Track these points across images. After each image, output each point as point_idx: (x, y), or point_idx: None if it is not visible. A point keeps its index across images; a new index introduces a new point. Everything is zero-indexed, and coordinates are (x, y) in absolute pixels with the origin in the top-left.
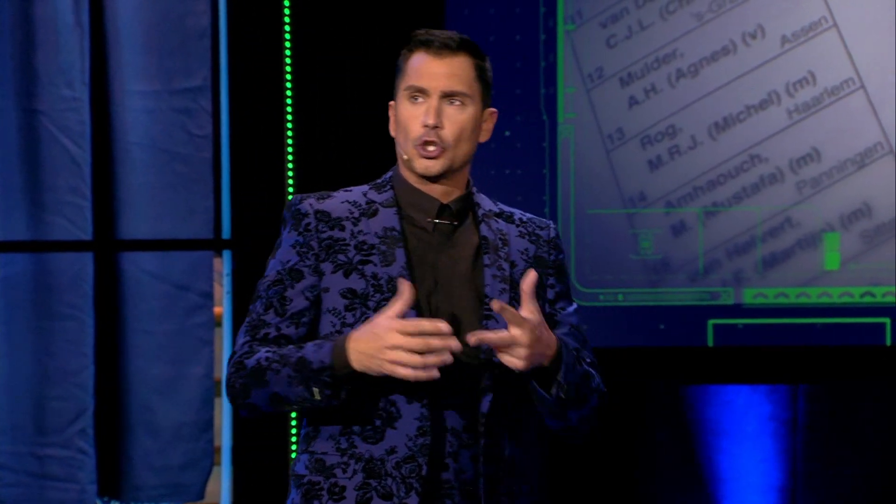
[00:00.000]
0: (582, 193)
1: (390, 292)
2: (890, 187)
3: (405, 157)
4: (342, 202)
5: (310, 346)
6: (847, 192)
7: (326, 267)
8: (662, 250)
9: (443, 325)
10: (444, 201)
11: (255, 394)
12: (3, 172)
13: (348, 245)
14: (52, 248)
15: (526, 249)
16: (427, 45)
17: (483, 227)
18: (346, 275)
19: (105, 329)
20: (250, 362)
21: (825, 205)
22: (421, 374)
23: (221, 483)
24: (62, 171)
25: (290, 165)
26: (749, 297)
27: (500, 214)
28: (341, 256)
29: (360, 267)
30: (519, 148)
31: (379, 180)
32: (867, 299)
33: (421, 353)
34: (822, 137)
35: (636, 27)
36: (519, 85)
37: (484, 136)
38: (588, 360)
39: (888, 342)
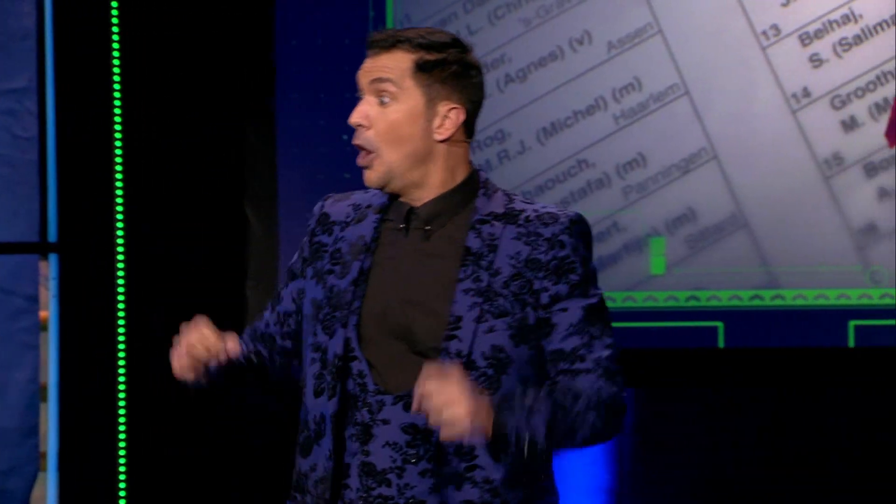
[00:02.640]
0: None
1: (332, 307)
2: (714, 192)
3: None
4: (349, 205)
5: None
6: (672, 197)
7: (308, 272)
8: None
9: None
10: (417, 205)
11: None
12: None
13: (327, 252)
14: None
15: (517, 253)
16: (367, 47)
17: (471, 233)
18: (317, 283)
19: None
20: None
21: (651, 210)
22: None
23: (47, 489)
24: None
25: (118, 168)
26: None
27: (504, 215)
28: (319, 263)
29: (325, 277)
30: (348, 152)
31: None
32: (692, 303)
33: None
34: (647, 143)
35: (465, 32)
36: (348, 89)
37: (442, 133)
38: (588, 369)
39: (721, 345)
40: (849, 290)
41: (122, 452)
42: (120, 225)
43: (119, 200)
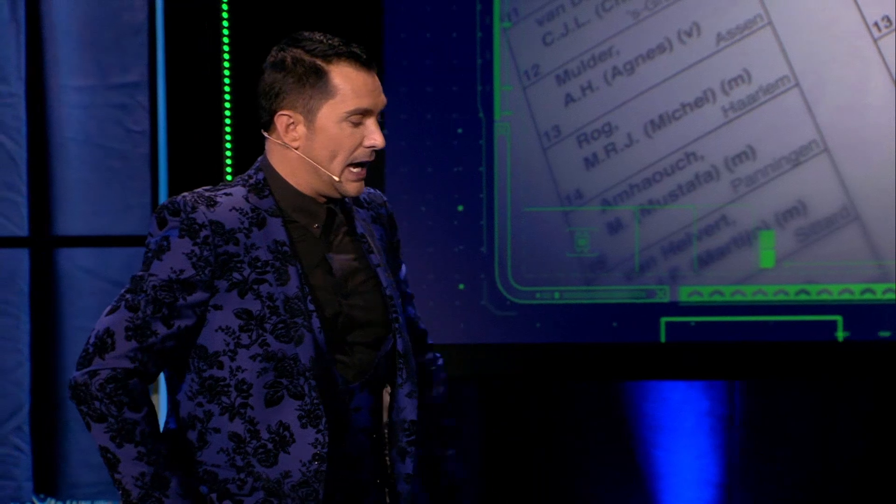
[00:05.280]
0: (518, 191)
1: (287, 314)
2: (825, 185)
3: (336, 178)
4: (230, 210)
5: (175, 487)
6: (782, 190)
7: (221, 284)
8: (599, 248)
9: None
10: (332, 206)
11: (98, 432)
12: None
13: (242, 262)
14: None
15: (382, 236)
16: (355, 58)
17: (358, 223)
18: (242, 294)
19: (41, 326)
20: (130, 415)
21: (760, 203)
22: None
23: None
24: None
25: (227, 161)
26: (684, 294)
27: (355, 200)
28: (236, 274)
29: (255, 287)
30: (455, 146)
31: (251, 181)
32: (802, 297)
33: None
34: (757, 135)
35: (572, 25)
36: (456, 83)
37: None
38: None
39: (840, 338)
40: None
41: None
42: None
43: None
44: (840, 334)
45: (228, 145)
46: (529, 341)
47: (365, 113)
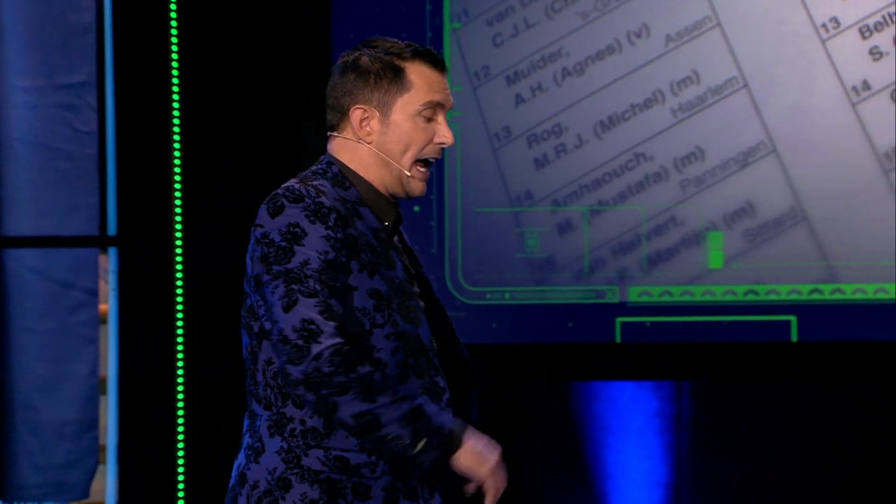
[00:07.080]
0: (468, 191)
1: (402, 297)
2: (773, 186)
3: (406, 172)
4: (335, 199)
5: (431, 411)
6: (730, 191)
7: (353, 265)
8: (548, 248)
9: None
10: (396, 207)
11: (348, 404)
12: None
13: (361, 245)
14: None
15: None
16: (430, 58)
17: (406, 236)
18: (371, 275)
19: None
20: (365, 369)
21: (709, 203)
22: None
23: (107, 481)
24: None
25: (176, 162)
26: (634, 295)
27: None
28: (363, 256)
29: (378, 269)
30: None
31: (329, 174)
32: (750, 297)
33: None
34: (705, 136)
35: (522, 26)
36: None
37: None
38: None
39: (794, 339)
40: None
41: (180, 444)
42: (178, 219)
43: (177, 194)
44: (794, 335)
45: (177, 146)
46: (479, 342)
47: (437, 107)
